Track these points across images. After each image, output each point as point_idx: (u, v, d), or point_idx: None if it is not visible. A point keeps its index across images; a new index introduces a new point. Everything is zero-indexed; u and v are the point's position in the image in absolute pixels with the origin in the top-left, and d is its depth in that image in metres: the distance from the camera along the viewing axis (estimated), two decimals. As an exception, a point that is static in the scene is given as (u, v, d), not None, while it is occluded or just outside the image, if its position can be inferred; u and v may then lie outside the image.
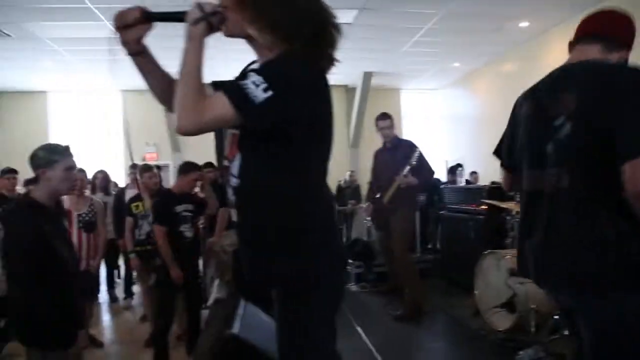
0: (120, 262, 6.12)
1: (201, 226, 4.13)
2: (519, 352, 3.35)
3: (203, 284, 4.28)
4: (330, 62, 1.46)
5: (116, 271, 6.36)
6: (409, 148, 4.66)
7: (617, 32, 1.64)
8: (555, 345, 3.23)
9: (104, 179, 5.82)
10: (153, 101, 1.56)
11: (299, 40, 1.37)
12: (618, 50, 1.62)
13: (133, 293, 5.86)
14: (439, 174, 9.83)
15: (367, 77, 10.23)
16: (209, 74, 1.36)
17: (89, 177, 5.22)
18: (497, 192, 4.83)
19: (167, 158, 10.88)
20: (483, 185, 5.42)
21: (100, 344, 4.31)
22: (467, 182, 6.57)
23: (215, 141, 1.59)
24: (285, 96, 1.30)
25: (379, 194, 4.80)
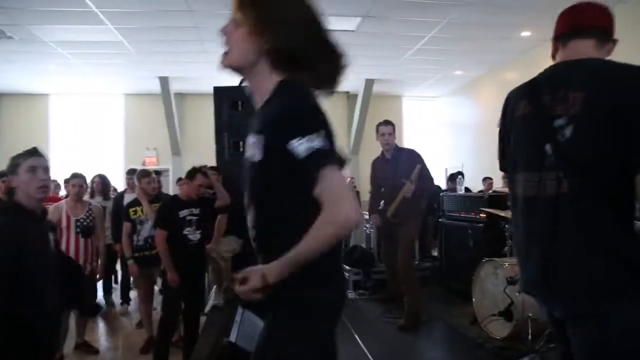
0: (117, 268, 6.10)
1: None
2: (516, 361, 3.33)
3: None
4: (333, 85, 1.48)
5: (113, 276, 6.35)
6: (411, 158, 4.61)
7: (606, 24, 1.58)
8: (552, 354, 3.21)
9: (101, 184, 5.80)
10: (154, 105, 1.51)
11: (304, 64, 1.37)
12: (608, 43, 1.57)
13: (130, 299, 5.83)
14: (439, 181, 9.85)
15: (369, 84, 10.26)
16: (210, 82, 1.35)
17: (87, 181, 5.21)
18: (496, 200, 4.83)
19: (167, 162, 10.85)
20: (483, 194, 5.40)
21: (96, 350, 4.29)
22: (467, 190, 6.55)
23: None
24: (325, 134, 1.30)
25: (382, 206, 4.78)
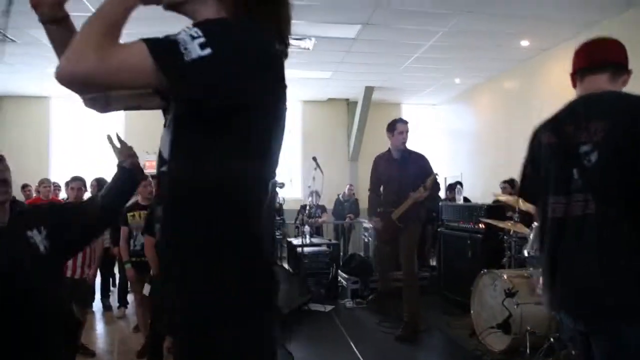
0: (115, 271, 6.08)
1: None
2: (514, 374, 3.32)
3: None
4: (284, 43, 1.18)
5: (111, 279, 6.32)
6: (421, 162, 4.55)
7: (620, 58, 1.72)
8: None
9: (98, 187, 5.79)
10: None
11: (247, 7, 1.10)
12: (622, 76, 1.70)
13: (127, 302, 5.81)
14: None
15: (368, 91, 10.27)
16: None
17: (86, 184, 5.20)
18: (495, 211, 4.83)
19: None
20: (482, 204, 5.39)
21: (93, 353, 4.27)
22: (465, 199, 6.55)
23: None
24: (228, 58, 0.99)
25: (381, 208, 4.68)
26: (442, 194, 9.10)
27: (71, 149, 10.86)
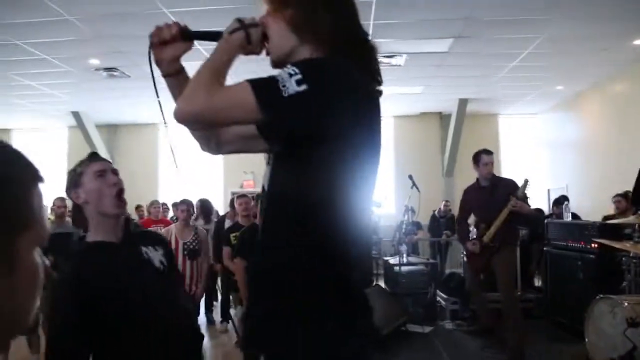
0: (218, 286, 6.39)
1: None
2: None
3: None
4: (377, 80, 1.25)
5: (213, 295, 6.65)
6: (509, 189, 4.36)
7: None
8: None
9: (201, 207, 6.21)
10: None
11: (340, 49, 1.18)
12: None
13: (230, 317, 6.05)
14: (541, 204, 9.23)
15: (462, 103, 9.95)
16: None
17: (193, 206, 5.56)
18: (609, 230, 4.43)
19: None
20: (593, 222, 4.98)
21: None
22: (574, 216, 6.06)
23: None
24: (323, 93, 1.06)
25: (474, 234, 4.50)
26: (546, 209, 8.56)
27: (177, 171, 11.67)
